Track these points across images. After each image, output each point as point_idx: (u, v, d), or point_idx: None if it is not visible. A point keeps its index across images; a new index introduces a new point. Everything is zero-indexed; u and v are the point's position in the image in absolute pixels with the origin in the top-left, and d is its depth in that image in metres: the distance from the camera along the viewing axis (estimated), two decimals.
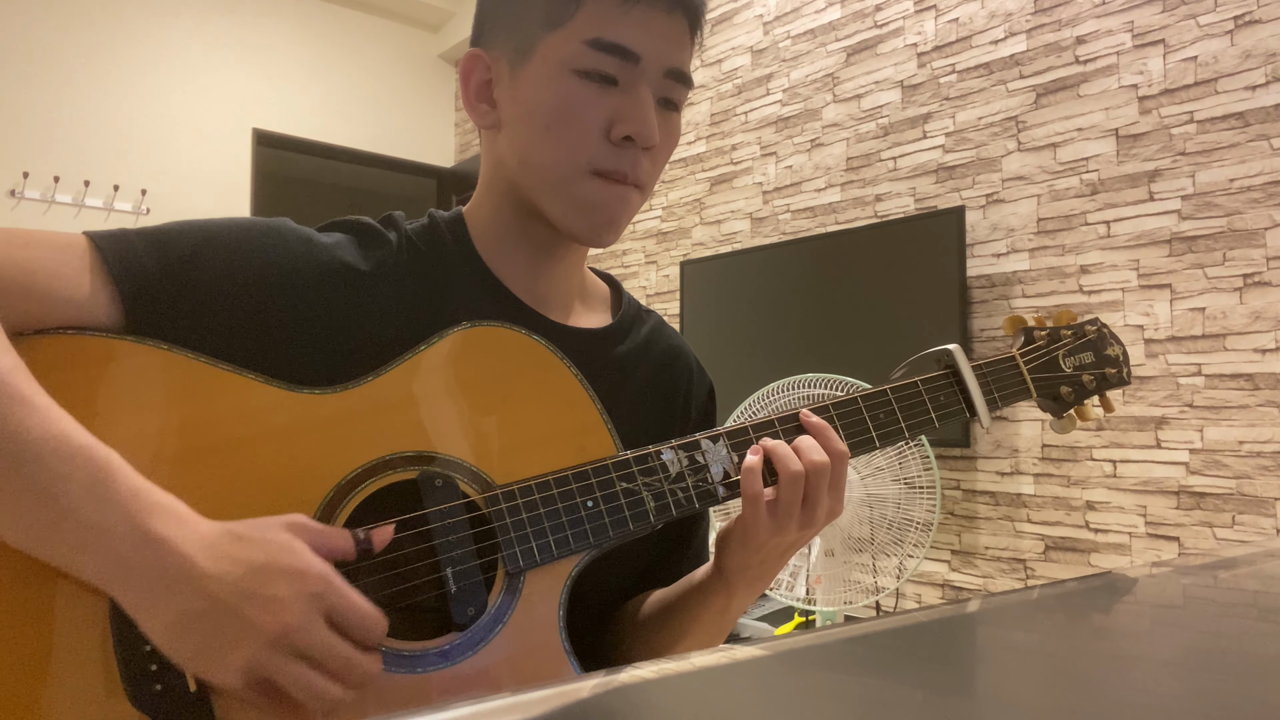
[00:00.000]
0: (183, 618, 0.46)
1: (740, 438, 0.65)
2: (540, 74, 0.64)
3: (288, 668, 0.47)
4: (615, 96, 0.63)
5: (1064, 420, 0.80)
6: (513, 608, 0.57)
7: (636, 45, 0.62)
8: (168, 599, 0.46)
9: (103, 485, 0.46)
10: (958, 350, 0.73)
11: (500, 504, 0.58)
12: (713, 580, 0.68)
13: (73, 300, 0.55)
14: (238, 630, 0.46)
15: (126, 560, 0.46)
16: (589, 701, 0.24)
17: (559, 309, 0.73)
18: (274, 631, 0.46)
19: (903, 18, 2.55)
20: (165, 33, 3.74)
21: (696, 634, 0.69)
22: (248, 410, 0.56)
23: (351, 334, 0.62)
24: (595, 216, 0.65)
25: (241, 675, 0.47)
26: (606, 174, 0.64)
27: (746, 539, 0.63)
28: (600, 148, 0.63)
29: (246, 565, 0.47)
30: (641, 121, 0.63)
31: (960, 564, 2.31)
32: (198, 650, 0.47)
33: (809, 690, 0.26)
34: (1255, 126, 1.85)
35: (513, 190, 0.68)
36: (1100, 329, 0.82)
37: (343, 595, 0.48)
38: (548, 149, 0.64)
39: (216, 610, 0.46)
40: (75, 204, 3.47)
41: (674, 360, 0.79)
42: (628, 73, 0.63)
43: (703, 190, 3.16)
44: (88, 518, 0.46)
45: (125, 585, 0.46)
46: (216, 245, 0.60)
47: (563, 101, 0.63)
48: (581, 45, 0.62)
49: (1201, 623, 0.38)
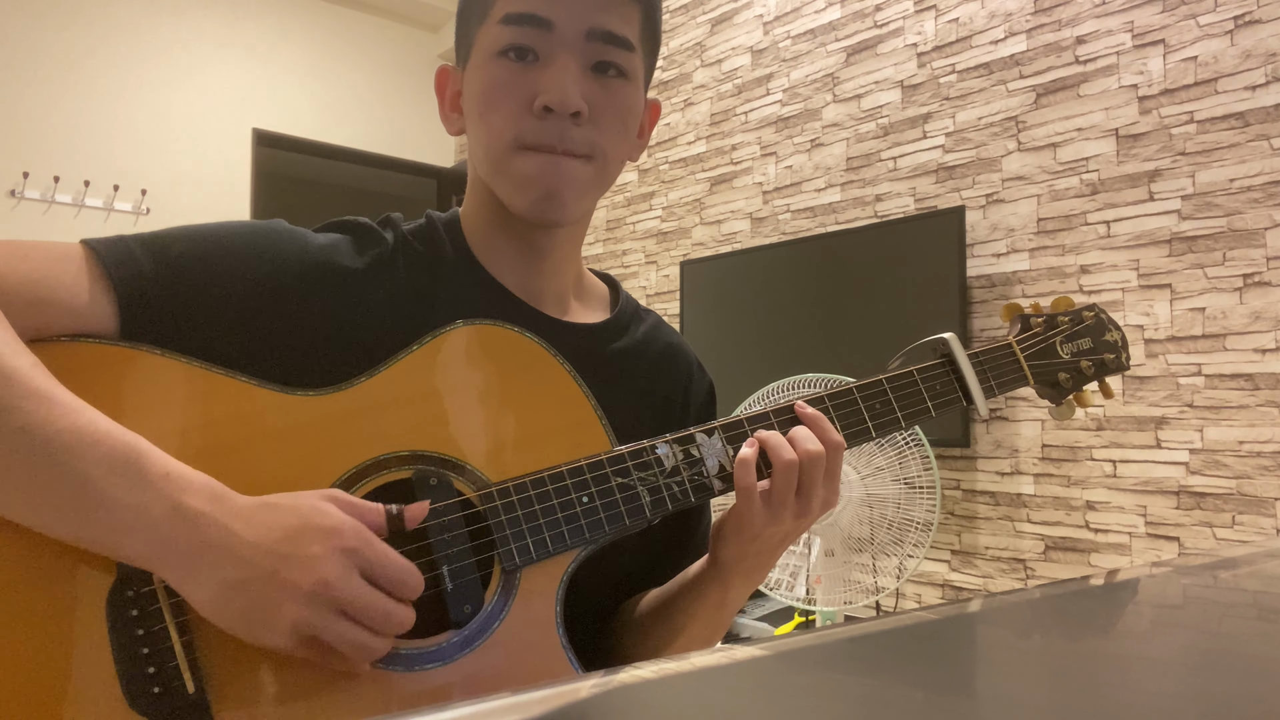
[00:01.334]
0: (224, 587, 0.48)
1: (735, 430, 0.65)
2: (475, 66, 0.67)
3: (330, 623, 0.48)
4: (536, 71, 0.64)
5: (1063, 406, 0.79)
6: (509, 605, 0.57)
7: (545, 11, 0.63)
8: (209, 571, 0.48)
9: (135, 468, 0.48)
10: (953, 338, 0.73)
11: (495, 501, 0.58)
12: (708, 573, 0.68)
13: (73, 308, 0.55)
14: (278, 592, 0.47)
15: (166, 538, 0.48)
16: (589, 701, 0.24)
17: (554, 305, 0.73)
18: (312, 588, 0.48)
19: (903, 18, 2.55)
20: (165, 33, 3.74)
21: (694, 629, 0.69)
22: (242, 413, 0.56)
23: (347, 335, 0.62)
24: (531, 190, 0.65)
25: (288, 635, 0.48)
26: (533, 147, 0.64)
27: (741, 529, 0.64)
28: (525, 122, 0.64)
29: (282, 530, 0.49)
30: (558, 90, 0.63)
31: (960, 564, 2.31)
32: (244, 616, 0.48)
33: (809, 690, 0.26)
34: (1255, 126, 1.85)
35: (486, 187, 0.70)
36: (1098, 314, 0.81)
37: (377, 550, 0.50)
38: (483, 133, 0.66)
39: (256, 576, 0.48)
40: (75, 204, 3.47)
41: (673, 358, 0.79)
42: (545, 42, 0.64)
43: (703, 190, 3.16)
44: (125, 500, 0.48)
45: (166, 563, 0.48)
46: (211, 250, 0.60)
47: (488, 85, 0.65)
48: (497, 26, 0.64)
49: (1201, 623, 0.38)
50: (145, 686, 0.50)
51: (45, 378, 0.49)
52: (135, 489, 0.48)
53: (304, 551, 0.48)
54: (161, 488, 0.48)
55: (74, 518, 0.48)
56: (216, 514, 0.48)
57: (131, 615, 0.50)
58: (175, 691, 0.50)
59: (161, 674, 0.50)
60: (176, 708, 0.50)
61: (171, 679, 0.50)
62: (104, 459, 0.48)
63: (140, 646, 0.50)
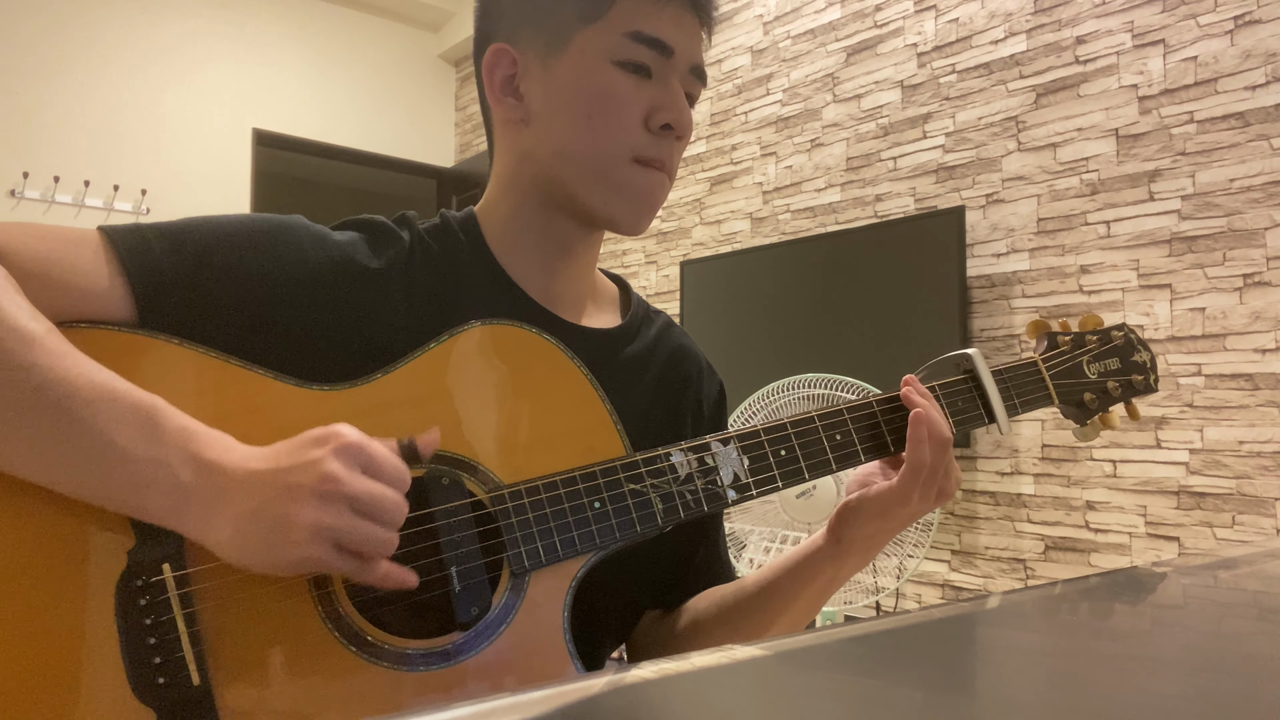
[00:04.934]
0: (242, 519, 0.49)
1: (751, 440, 0.65)
2: (579, 65, 0.66)
3: (345, 519, 0.49)
4: (651, 88, 0.66)
5: (1087, 428, 0.77)
6: (517, 608, 0.57)
7: (670, 39, 0.65)
8: (226, 509, 0.49)
9: (154, 424, 0.50)
10: (977, 355, 0.72)
11: (506, 503, 0.58)
12: (823, 552, 0.69)
13: (88, 293, 0.55)
14: (290, 503, 0.48)
15: (186, 487, 0.49)
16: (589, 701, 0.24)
17: (571, 309, 0.73)
18: (317, 485, 0.48)
19: (903, 18, 2.55)
20: (166, 33, 3.74)
21: (796, 611, 0.71)
22: (256, 405, 0.56)
23: (362, 332, 0.62)
24: (639, 203, 0.68)
25: (311, 543, 0.48)
26: (647, 161, 0.67)
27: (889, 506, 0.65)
28: (641, 136, 0.66)
29: (284, 451, 0.51)
30: (680, 110, 0.66)
31: (960, 564, 2.31)
32: (266, 541, 0.49)
33: (809, 690, 0.26)
34: (1255, 126, 1.85)
35: (539, 186, 0.69)
36: (1127, 334, 0.79)
37: (374, 447, 0.51)
38: (589, 138, 0.66)
39: (268, 500, 0.49)
40: (75, 204, 3.47)
41: (683, 360, 0.79)
42: (661, 65, 0.66)
43: (703, 190, 3.16)
44: (146, 454, 0.49)
45: (187, 513, 0.50)
46: (229, 242, 0.61)
47: (604, 91, 0.65)
48: (621, 37, 0.64)
49: (1202, 623, 0.38)
50: (151, 676, 0.50)
51: (60, 340, 0.50)
52: (154, 444, 0.49)
53: (305, 457, 0.49)
54: (179, 441, 0.50)
55: (95, 475, 0.49)
56: (230, 461, 0.50)
57: (140, 604, 0.51)
58: (180, 682, 0.50)
59: (167, 664, 0.50)
60: (181, 698, 0.50)
61: (177, 669, 0.50)
62: (123, 416, 0.49)
63: (147, 636, 0.50)
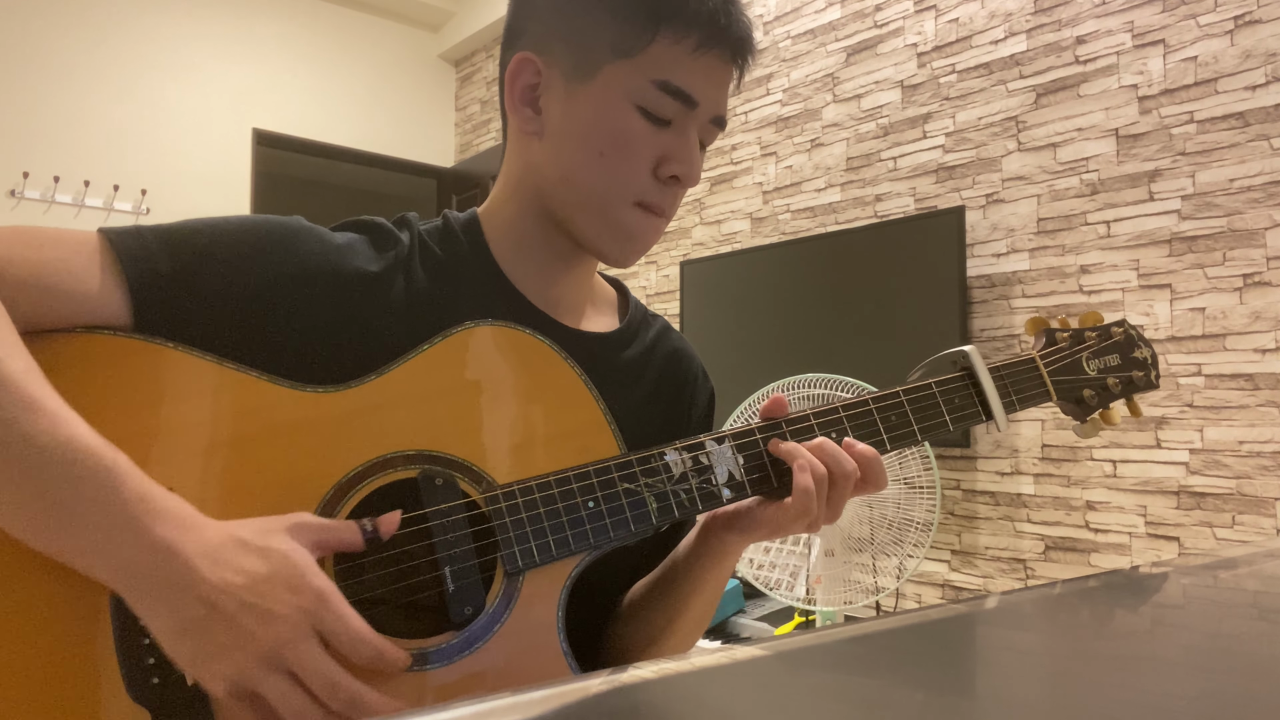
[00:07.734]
0: (183, 624, 0.47)
1: (745, 438, 0.65)
2: (601, 99, 0.65)
3: (272, 681, 0.47)
4: (667, 136, 0.66)
5: (1087, 425, 0.77)
6: (511, 608, 0.57)
7: (698, 93, 0.65)
8: (171, 605, 0.47)
9: (110, 490, 0.48)
10: (974, 351, 0.72)
11: (500, 503, 0.58)
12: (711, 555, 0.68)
13: (86, 296, 0.55)
14: (233, 639, 0.47)
15: (132, 566, 0.47)
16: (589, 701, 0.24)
17: (570, 314, 0.73)
18: (266, 644, 0.47)
19: (903, 18, 2.55)
20: (165, 32, 3.74)
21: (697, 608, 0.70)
22: (252, 408, 0.56)
23: (360, 334, 0.62)
24: (632, 243, 0.68)
25: (229, 683, 0.47)
26: (648, 206, 0.67)
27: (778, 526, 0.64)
28: (647, 182, 0.66)
29: (248, 575, 0.48)
30: (691, 164, 0.66)
31: (960, 564, 2.31)
32: (195, 655, 0.48)
33: (809, 690, 0.26)
34: (1255, 126, 1.85)
35: (541, 199, 0.69)
36: (1127, 331, 0.79)
37: (337, 615, 0.49)
38: (597, 174, 0.66)
39: (215, 619, 0.47)
40: (75, 204, 3.47)
41: (679, 364, 0.79)
42: (683, 116, 0.66)
43: (703, 190, 3.16)
44: (96, 523, 0.47)
45: (132, 590, 0.48)
46: (229, 244, 0.60)
47: (621, 132, 0.65)
48: (648, 83, 0.64)
49: (1202, 623, 0.38)
50: (145, 676, 0.50)
51: (38, 384, 0.49)
52: (106, 513, 0.47)
53: (266, 605, 0.47)
54: (135, 511, 0.48)
55: (45, 534, 0.48)
56: (183, 547, 0.48)
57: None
58: (175, 683, 0.50)
59: (161, 665, 0.50)
60: (176, 699, 0.50)
61: (171, 670, 0.50)
62: (79, 479, 0.47)
63: (142, 636, 0.50)
